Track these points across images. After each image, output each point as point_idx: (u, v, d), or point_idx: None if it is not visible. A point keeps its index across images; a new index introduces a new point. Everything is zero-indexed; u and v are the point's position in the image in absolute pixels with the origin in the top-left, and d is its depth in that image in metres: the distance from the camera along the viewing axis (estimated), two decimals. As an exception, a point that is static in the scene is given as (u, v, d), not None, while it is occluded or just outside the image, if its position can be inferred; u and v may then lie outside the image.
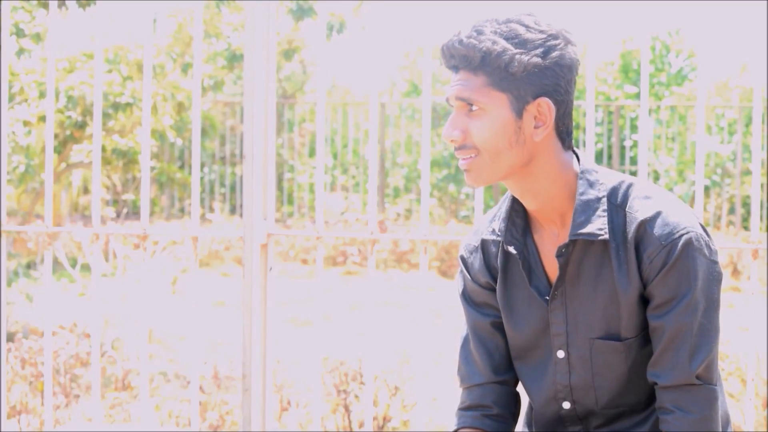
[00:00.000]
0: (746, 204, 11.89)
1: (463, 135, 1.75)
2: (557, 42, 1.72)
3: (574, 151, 1.84)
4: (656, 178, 12.08)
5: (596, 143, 12.20)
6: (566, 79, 1.74)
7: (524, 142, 1.74)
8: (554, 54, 1.71)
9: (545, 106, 1.73)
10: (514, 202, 1.86)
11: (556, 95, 1.74)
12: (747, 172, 11.76)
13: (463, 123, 1.75)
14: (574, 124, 1.80)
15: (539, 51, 1.71)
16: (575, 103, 1.81)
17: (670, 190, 11.74)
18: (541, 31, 1.72)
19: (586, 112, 2.87)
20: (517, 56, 1.69)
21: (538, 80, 1.71)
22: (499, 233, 1.86)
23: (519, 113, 1.73)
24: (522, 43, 1.70)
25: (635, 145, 12.66)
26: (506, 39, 1.70)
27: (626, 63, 14.12)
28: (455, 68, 1.75)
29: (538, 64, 1.70)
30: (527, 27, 1.71)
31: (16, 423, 4.26)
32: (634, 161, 12.54)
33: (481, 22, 1.73)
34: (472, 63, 1.72)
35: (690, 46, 14.41)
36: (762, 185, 11.09)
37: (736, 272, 8.80)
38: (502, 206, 1.88)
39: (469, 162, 1.76)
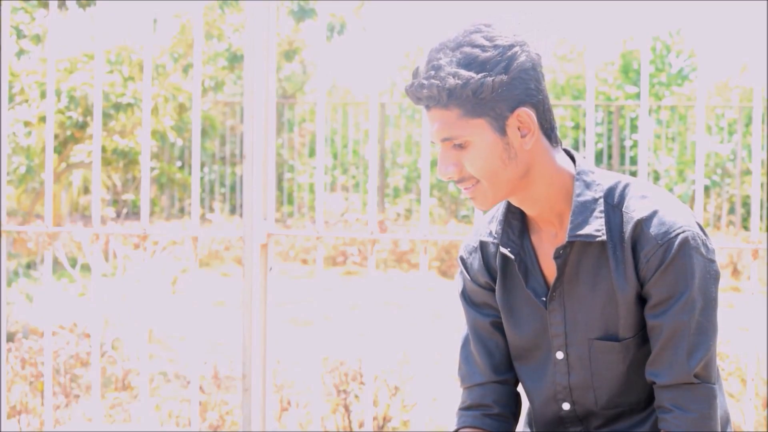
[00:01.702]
0: (746, 204, 11.89)
1: (458, 169, 1.75)
2: (514, 51, 1.69)
3: (567, 152, 1.84)
4: (656, 178, 12.07)
5: (596, 143, 12.19)
6: (534, 79, 1.72)
7: (516, 155, 1.74)
8: (515, 64, 1.69)
9: (525, 115, 1.72)
10: (511, 204, 1.86)
11: (531, 99, 1.73)
12: (747, 172, 11.76)
13: (454, 157, 1.75)
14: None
15: (501, 67, 1.68)
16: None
17: (670, 190, 11.74)
18: (495, 46, 1.69)
19: (586, 112, 2.87)
20: (482, 81, 1.68)
21: (509, 94, 1.70)
22: (495, 236, 1.87)
23: (502, 131, 1.72)
24: (481, 66, 1.68)
25: (635, 145, 12.66)
26: (465, 67, 1.68)
27: (626, 63, 14.11)
28: (426, 107, 1.74)
29: (503, 81, 1.69)
30: (482, 47, 1.69)
31: (16, 423, 4.26)
32: (634, 161, 12.53)
33: (434, 54, 1.71)
34: (441, 101, 1.70)
35: (690, 46, 14.41)
36: (762, 185, 11.09)
37: (736, 272, 8.80)
38: (500, 208, 1.89)
39: (471, 190, 1.77)
